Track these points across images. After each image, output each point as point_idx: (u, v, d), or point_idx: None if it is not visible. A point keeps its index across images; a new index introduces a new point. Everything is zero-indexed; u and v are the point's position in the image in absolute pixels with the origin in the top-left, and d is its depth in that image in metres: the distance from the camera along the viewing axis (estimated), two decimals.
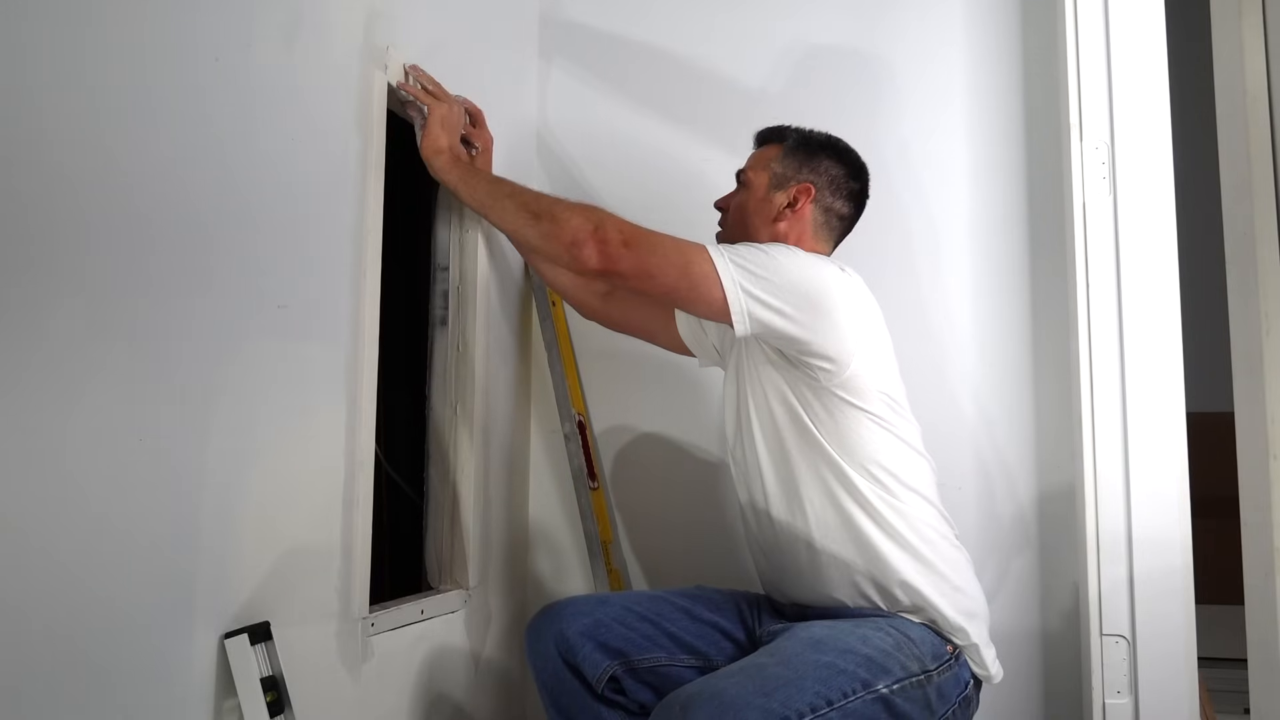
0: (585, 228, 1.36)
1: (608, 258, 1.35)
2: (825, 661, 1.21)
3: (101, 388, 0.97)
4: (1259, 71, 1.46)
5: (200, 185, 1.10)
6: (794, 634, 1.31)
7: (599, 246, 1.35)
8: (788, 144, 1.55)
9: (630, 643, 1.39)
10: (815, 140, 1.56)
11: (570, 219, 1.38)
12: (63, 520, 0.93)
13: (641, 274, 1.36)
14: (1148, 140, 1.70)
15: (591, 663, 1.38)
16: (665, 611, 1.44)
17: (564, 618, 1.41)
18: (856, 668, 1.21)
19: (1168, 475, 1.64)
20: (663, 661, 1.40)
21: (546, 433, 2.04)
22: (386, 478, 1.66)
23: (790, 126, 1.58)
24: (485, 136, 1.69)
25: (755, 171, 1.55)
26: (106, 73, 0.98)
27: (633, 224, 1.39)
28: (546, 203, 1.45)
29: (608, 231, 1.36)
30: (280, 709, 1.15)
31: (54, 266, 0.93)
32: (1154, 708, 1.61)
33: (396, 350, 1.67)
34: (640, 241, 1.37)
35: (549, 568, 2.03)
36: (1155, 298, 1.67)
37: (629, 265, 1.35)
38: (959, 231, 1.90)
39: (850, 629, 1.29)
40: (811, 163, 1.53)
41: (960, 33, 1.93)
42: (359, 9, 1.43)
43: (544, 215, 1.42)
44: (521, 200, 1.47)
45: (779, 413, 1.41)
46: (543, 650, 1.41)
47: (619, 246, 1.35)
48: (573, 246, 1.36)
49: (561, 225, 1.38)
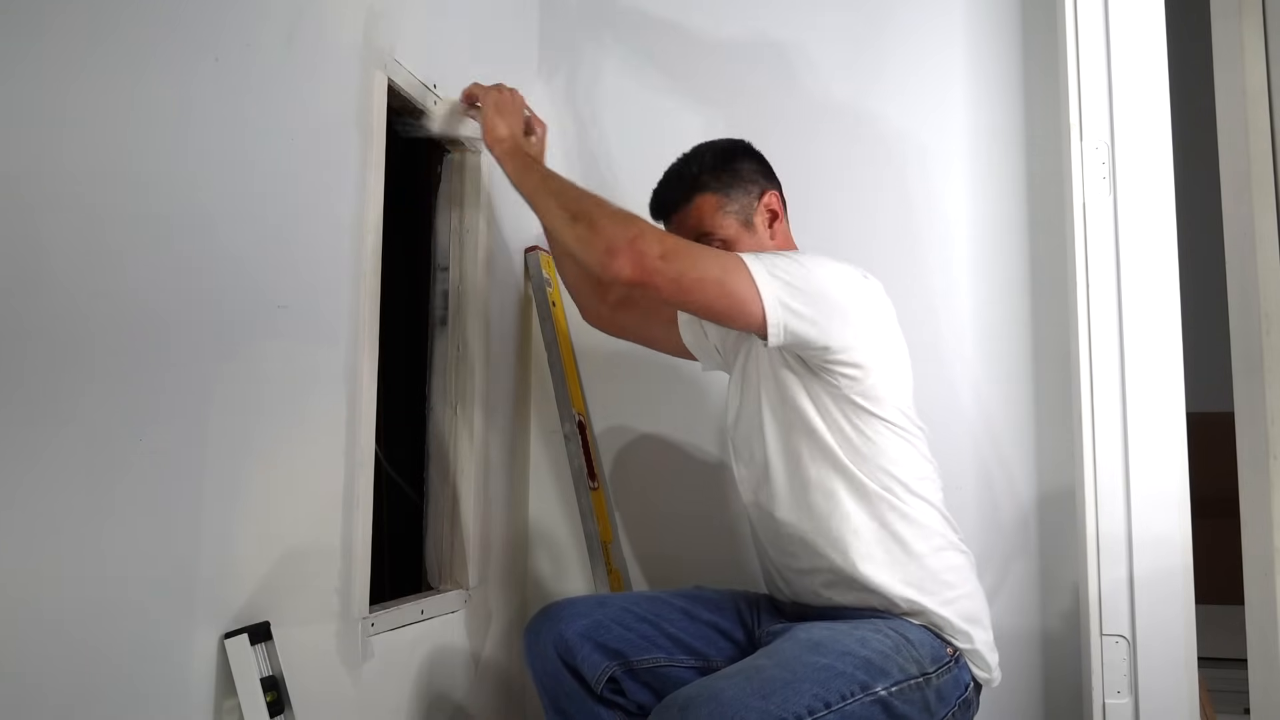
0: (623, 237, 1.30)
1: (643, 270, 1.29)
2: (823, 664, 1.21)
3: (101, 388, 0.97)
4: (1259, 71, 1.46)
5: (200, 185, 1.10)
6: (793, 635, 1.31)
7: (635, 259, 1.28)
8: (711, 185, 1.50)
9: (629, 644, 1.39)
10: (721, 158, 1.52)
11: (608, 226, 1.33)
12: (63, 520, 0.93)
13: (678, 289, 1.30)
14: (1148, 140, 1.70)
15: (590, 664, 1.38)
16: (664, 612, 1.44)
17: (562, 619, 1.40)
18: (855, 670, 1.21)
19: (1168, 475, 1.64)
20: (662, 662, 1.40)
21: (546, 433, 2.03)
22: (386, 478, 1.66)
23: (690, 166, 1.53)
24: (540, 123, 1.69)
25: (719, 226, 1.49)
26: (106, 73, 0.98)
27: (672, 235, 1.35)
28: (588, 205, 1.39)
29: (646, 243, 1.30)
30: (280, 709, 1.15)
31: (53, 265, 0.93)
32: (1154, 708, 1.61)
33: (396, 350, 1.67)
34: (679, 255, 1.31)
35: (549, 568, 2.03)
36: (1155, 298, 1.67)
37: (665, 279, 1.29)
38: (959, 231, 1.89)
39: (849, 630, 1.29)
40: (743, 176, 1.51)
41: (960, 33, 1.93)
42: (359, 9, 1.43)
43: (581, 219, 1.36)
44: (564, 200, 1.42)
45: (793, 417, 1.39)
46: (541, 651, 1.40)
47: (656, 259, 1.29)
48: (607, 255, 1.30)
49: (598, 232, 1.33)
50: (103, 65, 0.98)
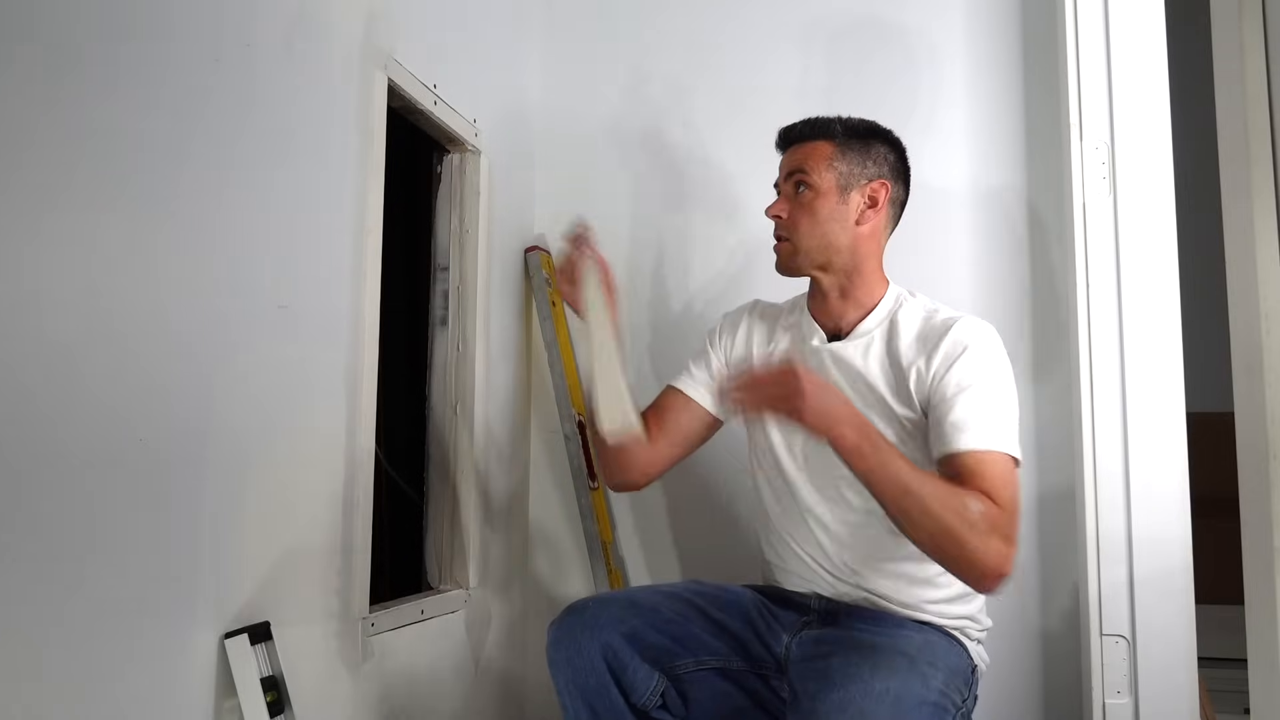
0: (997, 565, 1.20)
1: (1000, 586, 1.22)
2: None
3: (102, 388, 0.97)
4: (1259, 71, 1.46)
5: (199, 185, 1.10)
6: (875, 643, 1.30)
7: (1001, 581, 1.21)
8: (838, 138, 1.45)
9: (665, 650, 1.36)
10: (863, 128, 1.47)
11: (979, 549, 1.20)
12: (63, 520, 0.93)
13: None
14: (1148, 140, 1.70)
15: (643, 674, 1.33)
16: (686, 612, 1.40)
17: (602, 625, 1.33)
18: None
19: (1168, 475, 1.64)
20: (690, 666, 1.37)
21: (546, 433, 2.04)
22: (386, 478, 1.66)
23: (832, 118, 1.47)
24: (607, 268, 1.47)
25: (819, 174, 1.43)
26: (106, 73, 0.98)
27: (1004, 517, 1.23)
28: (949, 516, 1.20)
29: (1012, 559, 1.21)
30: (280, 709, 1.15)
31: (54, 265, 0.93)
32: (1154, 708, 1.61)
33: (396, 350, 1.67)
34: (1015, 542, 1.23)
35: (549, 568, 2.03)
36: (1155, 298, 1.67)
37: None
38: (959, 231, 1.90)
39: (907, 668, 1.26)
40: (871, 154, 1.45)
41: (960, 33, 1.93)
42: (359, 9, 1.43)
43: (976, 528, 1.20)
44: (940, 497, 1.22)
45: (886, 432, 1.34)
46: (586, 663, 1.32)
47: (1012, 562, 1.21)
48: (983, 580, 1.21)
49: (968, 553, 1.20)
50: (103, 65, 0.98)
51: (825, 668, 1.24)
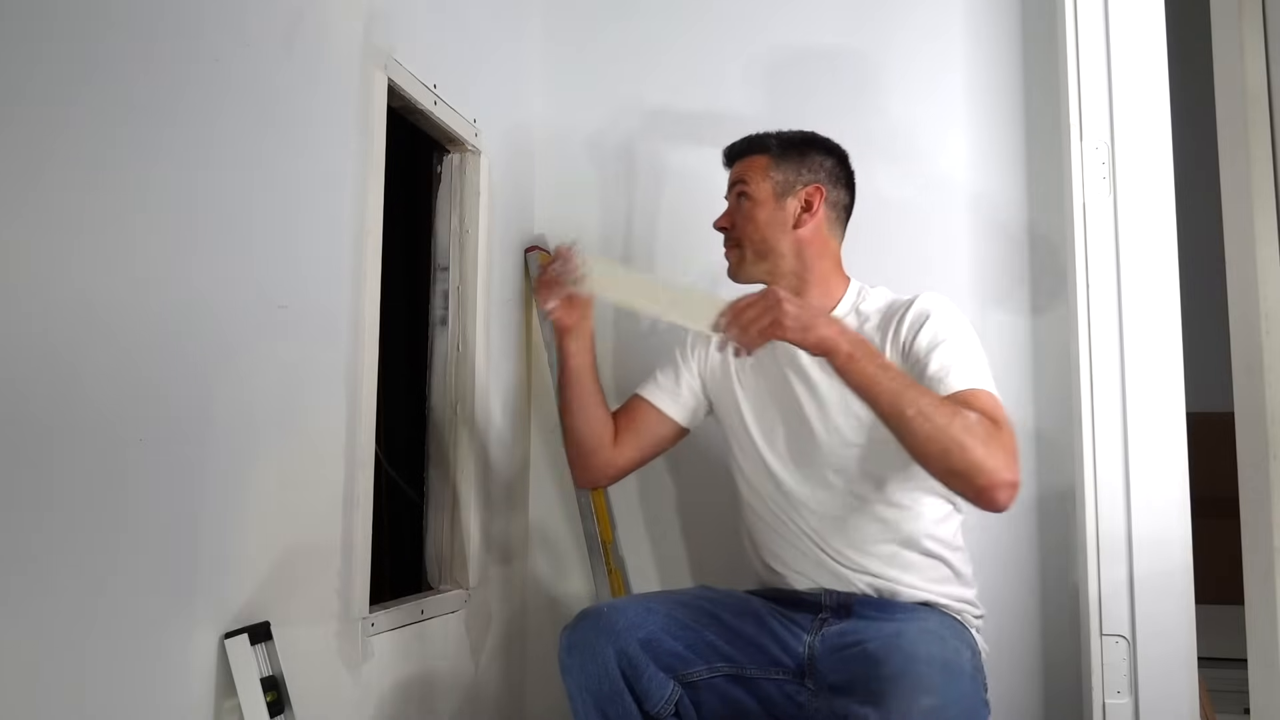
0: (1007, 478, 1.24)
1: (1014, 497, 1.26)
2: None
3: (101, 388, 0.97)
4: (1259, 71, 1.46)
5: (199, 185, 1.10)
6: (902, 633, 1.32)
7: (1012, 493, 1.25)
8: (773, 150, 1.53)
9: (680, 658, 1.36)
10: (799, 139, 1.55)
11: (985, 458, 1.24)
12: (63, 520, 0.93)
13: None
14: (1148, 140, 1.70)
15: (658, 682, 1.33)
16: (700, 619, 1.40)
17: (618, 631, 1.32)
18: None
19: (1168, 475, 1.64)
20: (704, 675, 1.37)
21: (546, 433, 2.03)
22: (386, 478, 1.66)
23: (769, 133, 1.56)
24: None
25: (755, 184, 1.52)
26: (106, 73, 0.98)
27: (1006, 432, 1.27)
28: (972, 422, 1.25)
29: (1017, 470, 1.26)
30: (280, 709, 1.15)
31: (53, 265, 0.93)
32: (1154, 708, 1.61)
33: (396, 350, 1.67)
34: (1016, 455, 1.27)
35: (549, 568, 2.03)
36: (1155, 298, 1.67)
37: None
38: (959, 232, 1.89)
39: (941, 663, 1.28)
40: (807, 162, 1.53)
41: (960, 33, 1.93)
42: (359, 9, 1.43)
43: (975, 433, 1.24)
44: (938, 404, 1.27)
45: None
46: (600, 662, 1.32)
47: (1018, 480, 1.25)
48: (995, 489, 1.24)
49: (973, 462, 1.23)
50: (103, 65, 0.98)
51: (861, 653, 1.28)
